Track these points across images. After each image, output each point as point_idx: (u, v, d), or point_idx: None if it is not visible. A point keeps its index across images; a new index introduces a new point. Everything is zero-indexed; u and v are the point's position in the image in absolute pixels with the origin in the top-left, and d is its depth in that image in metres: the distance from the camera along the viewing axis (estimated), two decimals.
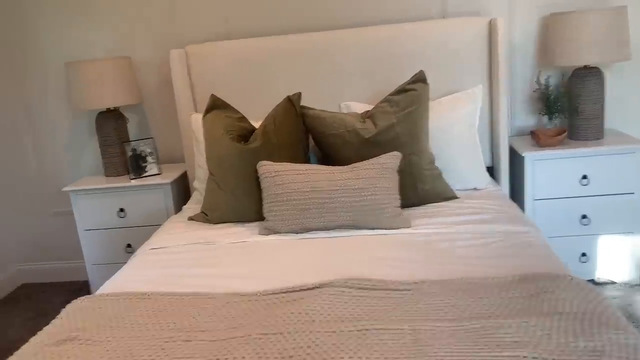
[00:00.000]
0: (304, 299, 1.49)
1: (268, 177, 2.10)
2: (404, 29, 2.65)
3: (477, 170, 2.44)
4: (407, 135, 2.19)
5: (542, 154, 2.57)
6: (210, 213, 2.29)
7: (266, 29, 2.90)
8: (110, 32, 3.01)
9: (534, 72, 2.84)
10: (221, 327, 1.40)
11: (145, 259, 2.00)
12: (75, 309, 1.57)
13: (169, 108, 3.07)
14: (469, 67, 2.64)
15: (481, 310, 1.36)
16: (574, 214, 2.61)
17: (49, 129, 3.21)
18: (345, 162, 2.20)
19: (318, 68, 2.71)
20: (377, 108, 2.29)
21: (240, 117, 2.35)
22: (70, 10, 3.01)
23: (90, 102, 2.76)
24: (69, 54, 3.05)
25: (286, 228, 2.06)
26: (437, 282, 1.52)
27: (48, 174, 3.28)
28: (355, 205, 2.00)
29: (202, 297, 1.59)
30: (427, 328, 1.30)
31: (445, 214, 2.12)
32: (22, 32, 3.07)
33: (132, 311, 1.53)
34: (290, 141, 2.25)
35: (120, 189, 2.81)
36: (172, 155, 3.15)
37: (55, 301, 3.15)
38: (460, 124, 2.43)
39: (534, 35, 2.81)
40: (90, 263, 2.93)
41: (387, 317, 1.37)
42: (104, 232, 2.88)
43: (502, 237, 1.85)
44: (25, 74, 3.13)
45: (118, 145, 2.91)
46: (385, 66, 2.67)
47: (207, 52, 2.78)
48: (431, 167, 2.25)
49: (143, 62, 3.03)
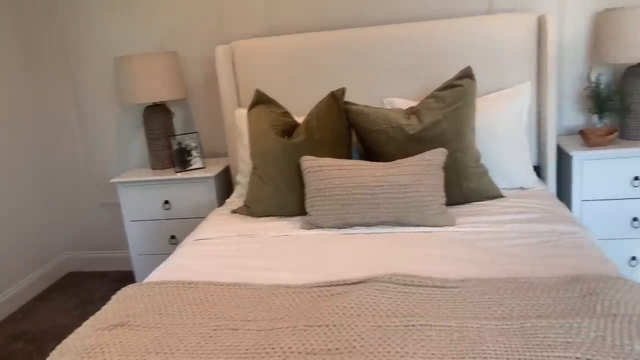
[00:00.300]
0: (349, 293, 1.49)
1: (311, 171, 2.11)
2: (449, 25, 2.62)
3: (524, 169, 2.39)
4: (453, 132, 2.16)
5: (592, 154, 2.49)
6: (253, 206, 2.31)
7: (309, 26, 2.91)
8: (155, 28, 3.08)
9: (583, 69, 2.76)
10: (267, 318, 1.42)
11: (190, 249, 2.03)
12: (125, 296, 1.61)
13: (212, 103, 3.13)
14: (516, 63, 2.58)
15: (530, 310, 1.34)
16: (624, 216, 2.52)
17: (97, 122, 3.30)
18: (389, 158, 2.19)
19: (361, 64, 2.70)
20: (422, 104, 2.27)
21: (284, 112, 2.37)
22: (118, 7, 3.09)
23: (138, 96, 2.82)
24: (117, 49, 3.14)
25: (328, 223, 2.06)
26: (484, 281, 1.50)
27: (95, 166, 3.38)
28: (398, 202, 1.99)
29: (247, 288, 1.61)
30: (474, 326, 1.28)
31: (490, 212, 2.08)
32: (72, 28, 3.17)
33: (179, 299, 1.56)
34: (333, 136, 2.25)
35: (166, 181, 2.87)
36: (215, 149, 3.20)
37: (100, 289, 3.25)
38: (507, 122, 2.39)
39: (584, 31, 2.73)
40: (135, 253, 3.01)
41: (433, 314, 1.35)
42: (149, 224, 2.95)
43: (550, 237, 1.81)
44: (76, 69, 3.24)
45: (164, 139, 2.98)
46: (429, 62, 2.64)
47: (252, 48, 2.80)
48: (477, 164, 2.22)
49: (188, 57, 3.08)
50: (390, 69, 2.69)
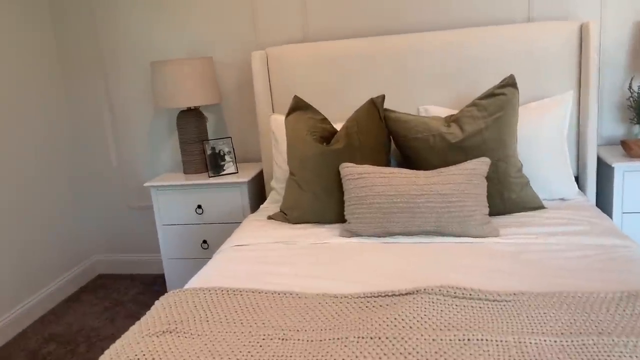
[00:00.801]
0: (397, 304, 1.47)
1: (351, 179, 2.09)
2: (488, 32, 2.59)
3: (565, 180, 2.35)
4: (496, 141, 2.13)
5: (634, 165, 2.44)
6: (289, 212, 2.30)
7: (345, 32, 2.91)
8: (190, 33, 3.10)
9: (622, 78, 2.72)
10: (316, 328, 1.40)
11: (230, 255, 2.02)
12: (169, 302, 1.60)
13: (245, 108, 3.13)
14: (557, 72, 2.54)
15: (590, 326, 1.30)
16: None
17: (130, 126, 3.32)
18: (429, 166, 2.16)
19: (396, 71, 2.68)
20: (463, 112, 2.23)
21: (322, 119, 2.36)
22: (154, 12, 3.11)
23: (173, 100, 2.83)
24: (151, 53, 3.16)
25: (368, 231, 2.04)
26: (538, 295, 1.46)
27: (127, 170, 3.40)
28: (441, 211, 1.96)
29: (291, 296, 1.59)
30: (533, 342, 1.25)
31: (534, 224, 2.04)
32: (109, 33, 3.20)
33: (225, 306, 1.54)
34: (372, 144, 2.23)
35: (199, 186, 2.87)
36: (247, 154, 3.20)
37: (129, 292, 3.26)
38: (549, 131, 2.35)
39: (625, 40, 2.68)
40: (166, 257, 3.01)
41: (488, 328, 1.32)
42: (181, 228, 2.95)
43: (600, 251, 1.77)
44: (111, 72, 3.26)
45: (197, 143, 2.98)
46: (466, 70, 2.61)
47: (287, 54, 2.80)
48: (519, 174, 2.18)
49: (221, 62, 3.09)
50: (426, 76, 2.67)
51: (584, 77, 2.51)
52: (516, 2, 2.72)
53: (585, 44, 2.48)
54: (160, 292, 3.20)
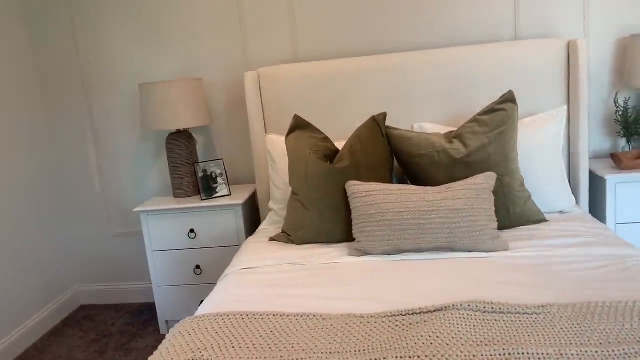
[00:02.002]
0: (428, 322, 1.44)
1: (359, 196, 2.07)
2: (479, 51, 2.63)
3: (563, 193, 2.39)
4: (499, 156, 2.15)
5: (625, 177, 2.50)
6: (293, 233, 2.25)
7: (335, 52, 2.92)
8: (177, 55, 3.05)
9: (608, 94, 2.80)
10: (349, 350, 1.35)
11: (238, 279, 1.96)
12: (187, 329, 1.53)
13: (235, 129, 3.09)
14: (546, 88, 2.60)
15: (627, 335, 1.30)
16: None
17: (114, 150, 3.23)
18: (434, 182, 2.16)
19: (389, 90, 2.69)
20: (464, 128, 2.25)
21: (323, 137, 2.34)
22: (139, 35, 3.06)
23: (163, 122, 2.77)
24: (136, 76, 3.10)
25: (379, 249, 2.02)
26: (567, 306, 1.46)
27: (112, 195, 3.29)
28: (452, 227, 1.95)
29: (315, 318, 1.54)
30: (574, 353, 1.23)
31: (541, 237, 2.05)
32: (91, 56, 3.13)
33: (248, 331, 1.48)
34: (376, 161, 2.22)
35: (192, 209, 2.79)
36: (238, 176, 3.14)
37: (117, 323, 3.13)
38: (546, 146, 2.39)
39: (609, 57, 2.77)
40: (157, 285, 2.91)
41: (526, 341, 1.31)
42: (173, 253, 2.86)
43: (613, 261, 1.79)
44: (94, 96, 3.17)
45: (188, 166, 2.91)
46: (458, 88, 2.65)
47: (279, 74, 2.78)
48: (522, 188, 2.20)
49: (210, 84, 3.05)
50: (419, 94, 2.69)
51: (573, 92, 2.57)
52: (503, 20, 2.79)
53: (573, 61, 2.55)
54: (150, 322, 3.09)
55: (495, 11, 2.78)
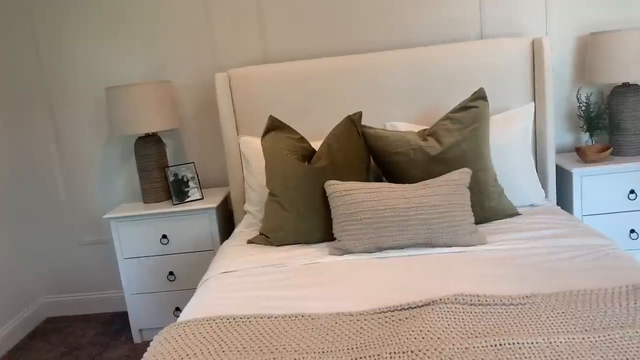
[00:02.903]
0: (417, 317, 1.45)
1: (338, 196, 2.07)
2: (447, 50, 2.68)
3: (533, 187, 2.45)
4: (473, 152, 2.19)
5: (590, 170, 2.59)
6: (272, 235, 2.23)
7: (305, 53, 2.91)
8: (144, 57, 2.98)
9: (570, 90, 2.90)
10: (342, 348, 1.35)
11: (220, 282, 1.93)
12: (172, 336, 1.49)
13: (205, 132, 3.05)
14: (513, 85, 2.66)
15: (611, 321, 1.34)
16: (623, 228, 2.63)
17: (79, 157, 3.13)
18: (411, 180, 2.18)
19: (361, 90, 2.70)
20: (437, 126, 2.29)
21: (300, 138, 2.33)
22: (102, 37, 2.98)
23: (132, 126, 2.70)
24: (100, 80, 3.01)
25: (360, 247, 2.02)
26: (550, 295, 1.50)
27: (77, 203, 3.19)
28: (431, 223, 1.98)
29: (304, 318, 1.53)
30: (562, 341, 1.27)
31: (516, 230, 2.10)
32: (53, 61, 3.03)
33: (237, 335, 1.46)
34: (353, 160, 2.23)
35: (164, 214, 2.73)
36: (208, 179, 3.10)
37: (87, 334, 3.04)
38: (516, 141, 2.45)
39: (569, 54, 2.87)
40: (129, 293, 2.83)
41: (515, 331, 1.33)
42: (145, 260, 2.80)
43: (587, 251, 1.84)
44: (57, 102, 3.07)
45: (157, 170, 2.85)
46: (428, 87, 2.69)
47: (249, 76, 2.76)
48: (495, 183, 2.25)
49: (179, 86, 2.99)
50: (389, 94, 2.71)
51: (538, 89, 2.65)
52: (469, 20, 2.85)
53: (538, 59, 2.62)
54: (122, 331, 3.00)
55: (461, 11, 2.84)
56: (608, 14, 2.81)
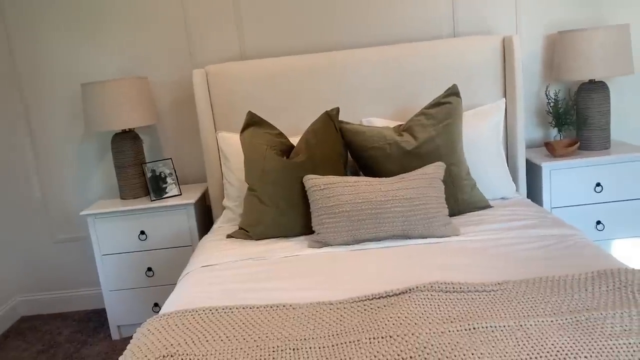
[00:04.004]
0: (395, 304, 1.50)
1: (317, 190, 2.11)
2: (421, 47, 2.74)
3: (504, 180, 2.53)
4: (447, 147, 2.25)
5: (559, 164, 2.69)
6: (251, 229, 2.26)
7: (280, 49, 2.95)
8: (119, 54, 2.97)
9: (539, 87, 2.99)
10: (323, 335, 1.39)
11: (200, 276, 1.95)
12: (156, 327, 1.52)
13: (182, 128, 3.05)
14: (484, 82, 2.74)
15: (577, 305, 1.41)
16: (590, 220, 2.73)
17: (54, 153, 3.11)
18: (387, 174, 2.24)
19: (337, 86, 2.75)
20: (413, 121, 2.35)
21: (278, 133, 2.36)
22: (76, 33, 2.96)
23: (108, 123, 2.70)
24: (77, 76, 3.00)
25: (338, 240, 2.07)
26: (520, 282, 1.56)
27: (52, 200, 3.16)
28: (407, 215, 2.03)
29: (285, 308, 1.57)
30: (533, 324, 1.33)
31: (488, 221, 2.18)
32: (26, 57, 2.99)
33: (220, 325, 1.49)
34: (331, 155, 2.27)
35: (142, 211, 2.74)
36: (186, 175, 3.11)
37: (64, 332, 3.02)
38: (487, 136, 2.53)
39: (538, 52, 2.96)
40: (107, 289, 2.83)
41: (488, 316, 1.40)
42: (124, 257, 2.79)
43: (556, 240, 1.92)
44: (30, 98, 3.04)
45: (134, 167, 2.85)
46: (403, 83, 2.74)
47: (227, 72, 2.77)
48: (468, 177, 2.32)
49: (155, 82, 2.99)
50: (365, 90, 2.77)
51: (509, 86, 2.73)
52: (442, 19, 2.92)
53: (508, 56, 2.70)
54: (100, 328, 2.99)
55: (435, 10, 2.90)
56: (576, 13, 2.91)
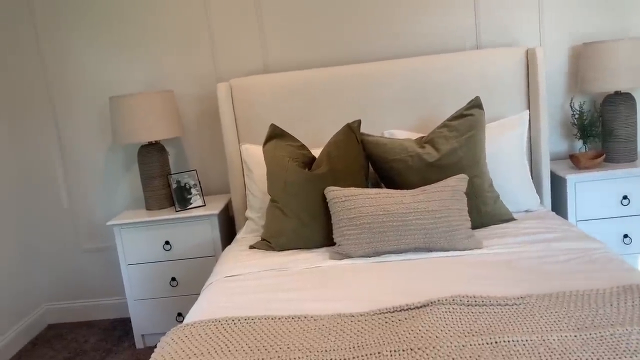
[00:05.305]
0: (416, 317, 1.50)
1: (338, 202, 2.12)
2: (444, 59, 2.75)
3: (528, 193, 2.51)
4: (470, 159, 2.25)
5: (584, 176, 2.65)
6: (273, 240, 2.29)
7: (303, 63, 2.98)
8: (146, 68, 3.05)
9: (563, 99, 2.96)
10: (344, 347, 1.40)
11: (223, 286, 1.98)
12: (179, 337, 1.54)
13: (206, 140, 3.10)
14: (507, 93, 2.73)
15: (602, 320, 1.39)
16: (616, 233, 2.69)
17: (82, 164, 3.18)
18: (409, 186, 2.24)
19: (359, 98, 2.77)
20: (434, 133, 2.35)
21: (300, 145, 2.39)
22: (105, 48, 3.04)
23: (135, 135, 2.76)
24: (105, 90, 3.07)
25: (359, 252, 2.07)
26: (543, 296, 1.55)
27: (80, 210, 3.23)
28: (428, 228, 2.03)
29: (307, 319, 1.58)
30: (556, 338, 1.32)
31: (511, 234, 2.16)
32: (57, 70, 3.09)
33: (242, 335, 1.51)
34: (352, 167, 2.28)
35: (167, 221, 2.79)
36: (210, 187, 3.15)
37: (90, 340, 3.07)
38: (511, 148, 2.51)
39: (563, 63, 2.94)
40: (132, 299, 2.87)
41: (510, 330, 1.39)
42: (148, 266, 2.84)
43: (580, 254, 1.90)
44: (60, 110, 3.13)
45: (161, 178, 2.90)
46: (425, 95, 2.75)
47: (251, 85, 2.82)
48: (491, 189, 2.31)
49: (181, 95, 3.05)
50: (387, 102, 2.78)
51: (532, 98, 2.71)
52: (465, 30, 2.92)
53: (532, 68, 2.69)
54: (125, 337, 3.04)
55: (457, 21, 2.91)
56: (600, 25, 2.88)
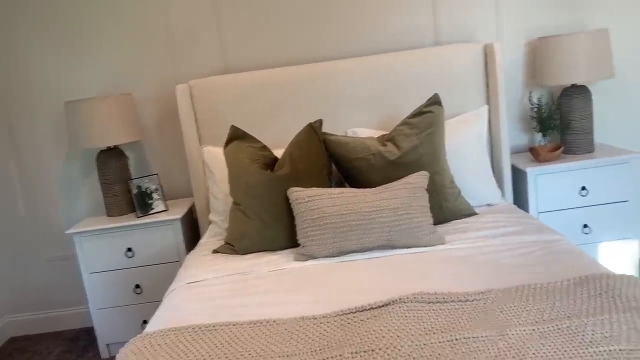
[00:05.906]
0: (378, 317, 1.50)
1: (301, 202, 2.11)
2: (402, 57, 2.76)
3: (489, 187, 2.54)
4: (430, 156, 2.26)
5: (544, 169, 2.70)
6: (237, 243, 2.26)
7: (264, 62, 2.95)
8: (103, 70, 2.97)
9: (521, 93, 3.01)
10: (306, 350, 1.39)
11: (185, 293, 1.94)
12: (138, 348, 1.51)
13: (167, 143, 3.05)
14: (467, 90, 2.75)
15: (559, 312, 1.42)
16: (576, 224, 2.74)
17: (39, 172, 3.09)
18: (371, 184, 2.24)
19: (321, 97, 2.75)
20: (396, 131, 2.35)
21: (262, 147, 2.37)
22: (59, 51, 2.95)
23: (93, 140, 2.69)
24: (61, 94, 2.98)
25: (323, 252, 2.06)
26: (503, 291, 1.57)
27: (38, 219, 3.14)
28: (392, 225, 2.04)
29: (269, 324, 1.56)
30: (515, 333, 1.33)
31: (473, 229, 2.18)
32: (12, 75, 2.99)
33: (203, 344, 1.48)
34: (315, 167, 2.27)
35: (128, 227, 2.73)
36: (172, 190, 3.09)
37: (53, 352, 2.99)
38: (471, 144, 2.54)
39: (520, 58, 2.98)
40: (95, 308, 2.81)
41: (470, 326, 1.40)
42: (111, 274, 2.78)
43: (540, 246, 1.93)
44: (14, 116, 3.03)
45: (120, 183, 2.84)
46: (386, 93, 2.75)
47: (210, 86, 2.78)
48: (452, 185, 2.33)
49: (140, 98, 2.99)
50: (349, 101, 2.77)
51: (492, 93, 2.75)
52: (424, 28, 2.93)
53: (490, 63, 2.72)
54: (89, 347, 2.97)
55: (416, 19, 2.92)
56: (556, 19, 2.93)
